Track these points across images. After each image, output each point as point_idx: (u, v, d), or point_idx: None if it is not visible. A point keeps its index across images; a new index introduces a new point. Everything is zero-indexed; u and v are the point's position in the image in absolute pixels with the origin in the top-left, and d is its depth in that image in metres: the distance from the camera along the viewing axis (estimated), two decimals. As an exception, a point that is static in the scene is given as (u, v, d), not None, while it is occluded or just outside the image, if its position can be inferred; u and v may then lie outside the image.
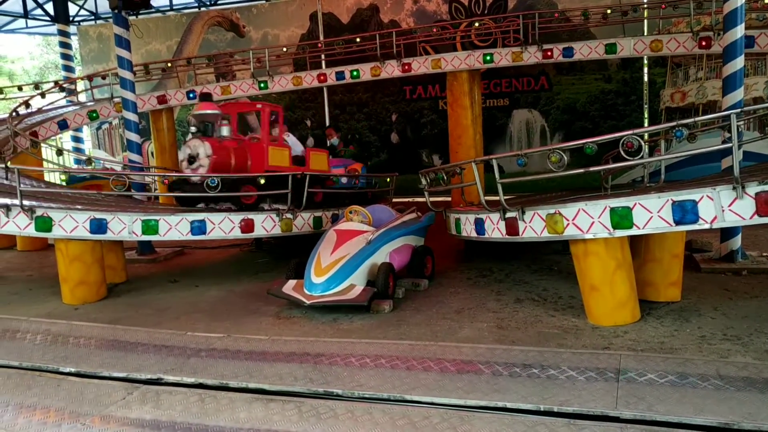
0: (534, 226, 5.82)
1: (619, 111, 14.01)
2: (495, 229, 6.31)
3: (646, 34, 12.51)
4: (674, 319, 5.70)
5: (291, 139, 10.05)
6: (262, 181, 8.18)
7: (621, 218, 5.15)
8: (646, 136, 6.17)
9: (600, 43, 10.86)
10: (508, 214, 6.04)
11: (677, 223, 4.90)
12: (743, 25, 7.16)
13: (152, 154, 14.62)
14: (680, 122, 4.81)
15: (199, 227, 7.65)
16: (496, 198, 6.10)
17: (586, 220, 5.38)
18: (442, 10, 14.92)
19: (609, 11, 11.47)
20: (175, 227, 7.54)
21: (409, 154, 15.77)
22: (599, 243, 5.47)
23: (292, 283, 6.74)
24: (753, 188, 4.56)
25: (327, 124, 16.34)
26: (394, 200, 11.31)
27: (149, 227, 7.43)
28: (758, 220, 4.61)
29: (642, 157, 5.23)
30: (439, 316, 6.23)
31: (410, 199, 14.22)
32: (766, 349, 4.88)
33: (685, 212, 4.83)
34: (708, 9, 10.71)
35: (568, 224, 5.50)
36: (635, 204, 5.07)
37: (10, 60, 39.66)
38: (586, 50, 10.92)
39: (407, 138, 15.78)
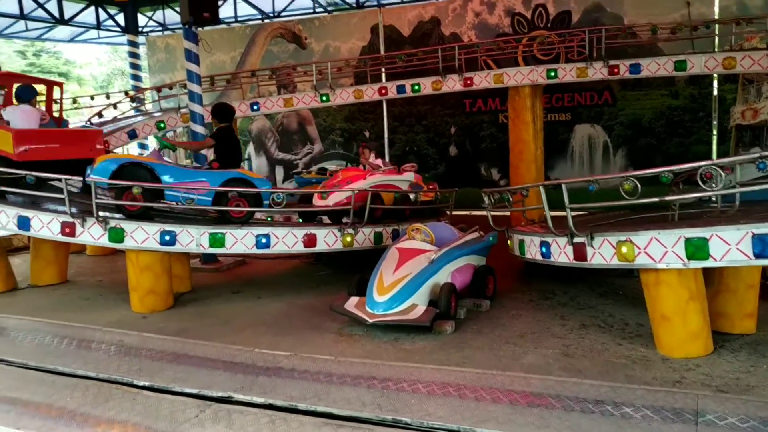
0: (603, 252, 5.71)
1: (686, 127, 13.62)
2: (562, 253, 6.22)
3: (716, 49, 12.13)
4: (749, 353, 5.50)
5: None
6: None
7: (696, 249, 5.00)
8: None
9: (669, 60, 10.59)
10: (576, 239, 5.95)
11: (757, 256, 4.73)
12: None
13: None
14: (764, 153, 4.64)
15: (263, 241, 7.80)
16: (561, 213, 5.99)
17: (658, 249, 5.24)
18: (504, 23, 14.83)
19: (679, 28, 11.18)
20: (240, 240, 7.70)
21: (467, 167, 15.69)
22: (672, 273, 5.32)
23: (354, 300, 6.79)
24: (842, 223, 4.38)
25: (386, 135, 16.44)
26: (453, 213, 11.26)
27: (216, 240, 7.61)
28: None
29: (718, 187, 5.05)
30: (501, 339, 6.17)
31: (468, 213, 14.16)
32: None
33: (765, 246, 4.66)
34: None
35: (639, 252, 5.38)
36: (712, 235, 4.92)
37: (79, 65, 41.34)
38: (654, 67, 10.67)
39: (466, 151, 15.72)
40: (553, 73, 11.36)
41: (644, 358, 5.50)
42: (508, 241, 7.81)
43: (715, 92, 13.52)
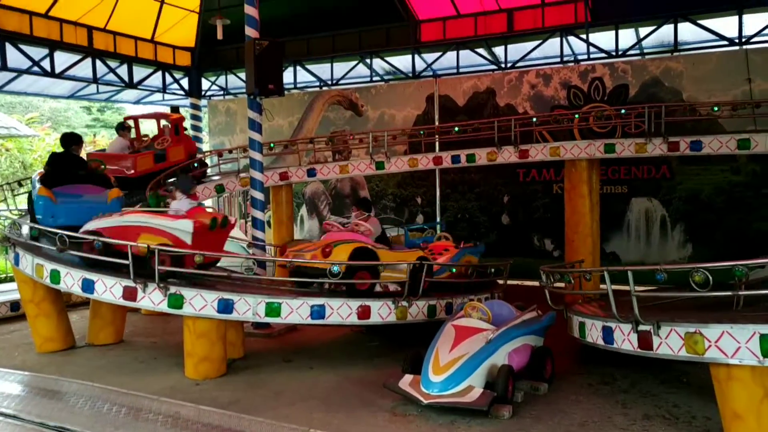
0: (670, 343, 5.54)
1: (748, 204, 13.27)
2: (625, 340, 6.05)
3: (781, 127, 11.91)
4: (831, 459, 5.18)
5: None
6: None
7: (773, 347, 4.79)
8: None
9: (732, 138, 10.43)
10: (641, 327, 5.79)
11: (840, 358, 4.50)
12: None
13: (269, 224, 15.20)
14: None
15: (318, 311, 7.82)
16: (623, 288, 5.82)
17: (731, 343, 5.05)
18: (560, 96, 14.89)
19: (743, 107, 11.04)
20: (296, 311, 7.74)
21: (520, 236, 15.56)
22: (745, 369, 5.11)
23: (408, 378, 6.69)
24: None
25: (437, 202, 16.49)
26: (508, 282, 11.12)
27: (272, 309, 7.67)
28: None
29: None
30: (561, 428, 5.98)
31: (520, 282, 13.97)
32: None
33: None
34: None
35: (710, 346, 5.20)
36: (790, 333, 4.72)
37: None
38: (716, 144, 10.52)
39: (518, 220, 15.62)
40: (611, 148, 11.30)
41: (715, 459, 5.24)
42: (568, 322, 7.63)
43: (779, 167, 13.18)
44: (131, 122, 13.44)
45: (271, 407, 6.61)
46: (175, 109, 14.34)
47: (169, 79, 19.25)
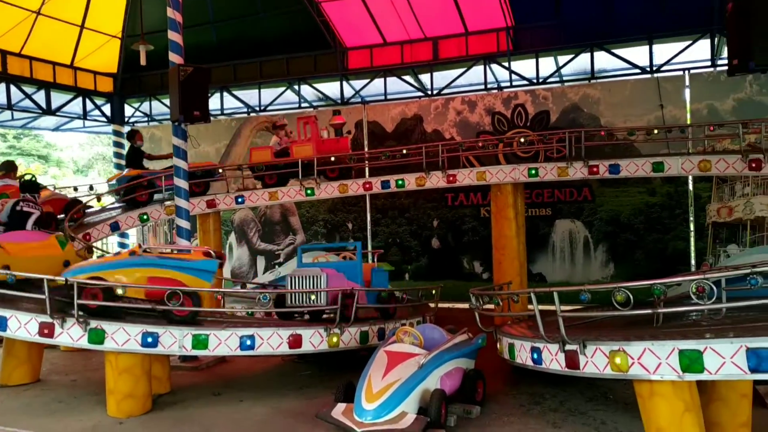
0: (596, 361, 5.67)
1: (665, 224, 13.91)
2: (553, 360, 6.17)
3: (690, 151, 12.56)
4: (748, 467, 5.40)
5: None
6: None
7: (691, 362, 4.99)
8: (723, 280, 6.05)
9: (647, 161, 10.91)
10: (568, 347, 5.91)
11: (752, 370, 4.74)
12: (800, 156, 7.16)
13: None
14: (755, 270, 4.72)
15: (248, 342, 7.65)
16: (550, 308, 5.94)
17: (652, 360, 5.22)
18: (485, 122, 15.28)
19: (656, 131, 11.59)
20: (224, 342, 7.54)
21: (449, 259, 15.76)
22: (666, 384, 5.29)
23: (341, 407, 6.59)
24: (834, 340, 4.41)
25: (368, 227, 16.52)
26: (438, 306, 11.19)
27: (199, 342, 7.45)
28: (842, 374, 4.42)
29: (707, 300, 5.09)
30: (495, 450, 6.00)
31: (451, 306, 14.12)
32: None
33: (760, 360, 4.68)
34: (755, 127, 10.78)
35: (633, 363, 5.35)
36: (706, 348, 4.93)
37: (60, 148, 41.48)
38: (632, 168, 10.97)
39: (448, 244, 15.82)
40: (534, 172, 11.62)
41: (642, 473, 5.37)
42: (497, 344, 7.72)
43: (691, 189, 13.89)
44: (285, 121, 14.47)
45: (199, 444, 6.38)
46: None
47: (90, 105, 18.66)
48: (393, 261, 16.20)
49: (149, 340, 7.20)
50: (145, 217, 12.80)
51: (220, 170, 13.66)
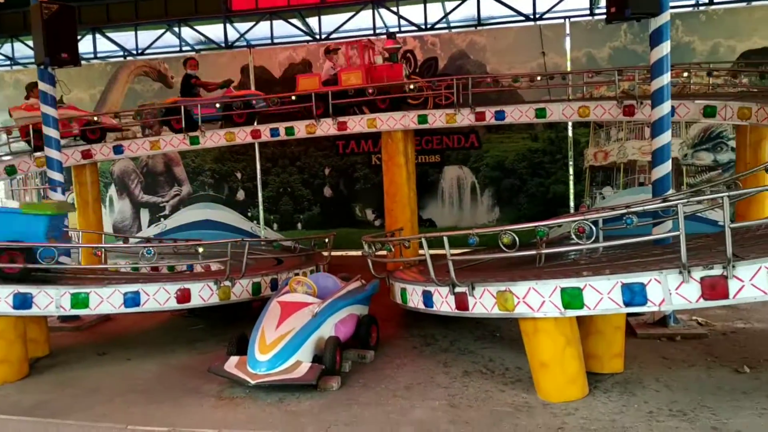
0: (484, 302, 5.85)
1: (546, 169, 14.50)
2: (444, 303, 6.31)
3: (570, 97, 13.06)
4: (621, 392, 5.83)
5: None
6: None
7: (572, 299, 5.25)
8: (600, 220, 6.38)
9: (530, 108, 11.24)
10: (458, 289, 6.06)
11: (627, 304, 5.04)
12: (669, 101, 7.58)
13: (72, 206, 13.92)
14: (630, 210, 4.98)
15: (132, 299, 7.28)
16: (442, 253, 6.07)
17: (536, 298, 5.45)
18: (374, 68, 15.13)
19: (539, 78, 11.96)
20: (106, 300, 7.15)
21: (342, 208, 15.74)
22: (549, 320, 5.55)
23: (234, 359, 6.48)
24: (698, 273, 4.77)
25: (258, 177, 16.13)
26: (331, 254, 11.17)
27: (79, 301, 7.02)
28: (703, 304, 4.81)
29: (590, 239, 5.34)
30: (389, 393, 6.13)
31: (345, 253, 14.16)
32: (712, 425, 5.04)
33: (634, 294, 4.98)
34: (629, 74, 11.34)
35: (518, 302, 5.56)
36: (585, 285, 5.19)
37: None
38: (517, 114, 11.27)
39: (340, 192, 15.76)
40: (423, 119, 11.69)
41: (527, 405, 5.66)
42: (390, 289, 7.83)
43: (570, 135, 14.50)
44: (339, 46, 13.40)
45: (84, 407, 6.08)
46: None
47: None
48: (285, 210, 16.04)
49: (22, 301, 6.71)
50: (12, 169, 11.80)
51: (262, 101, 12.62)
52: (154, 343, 8.40)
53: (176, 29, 16.75)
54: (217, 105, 12.35)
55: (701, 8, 14.15)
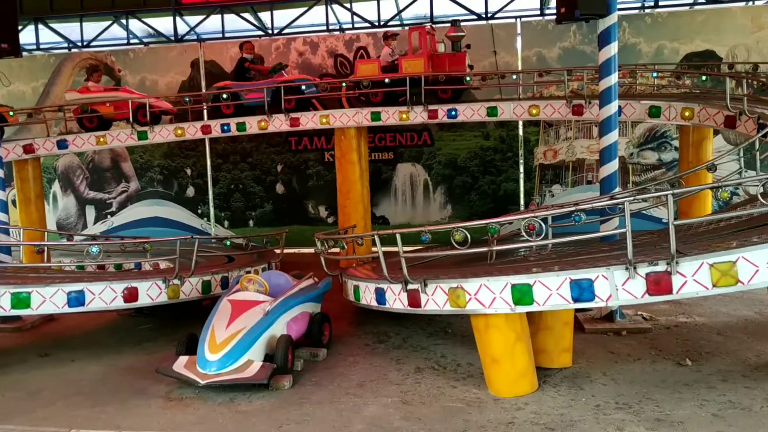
0: (436, 299, 5.88)
1: (497, 167, 14.68)
2: (396, 300, 6.32)
3: (521, 96, 13.25)
4: (569, 387, 5.94)
5: None
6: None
7: (522, 295, 5.32)
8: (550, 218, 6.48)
9: (482, 106, 11.36)
10: (410, 286, 6.07)
11: (575, 300, 5.14)
12: (617, 101, 7.76)
13: (14, 203, 13.47)
14: (578, 207, 5.07)
15: (76, 298, 7.09)
16: (395, 250, 6.08)
17: (488, 295, 5.50)
18: (327, 64, 15.05)
19: (490, 78, 12.13)
20: (49, 299, 6.95)
21: (295, 204, 15.62)
22: (500, 316, 5.61)
23: (183, 359, 6.36)
24: (644, 269, 4.89)
25: (209, 173, 15.87)
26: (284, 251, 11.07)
27: (20, 300, 6.80)
28: (649, 299, 4.94)
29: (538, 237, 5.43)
30: (341, 391, 6.11)
31: (297, 251, 14.07)
32: (656, 417, 5.18)
33: (582, 290, 5.08)
34: (578, 74, 11.57)
35: (470, 299, 5.61)
36: (535, 281, 5.27)
37: None
38: (469, 112, 11.38)
39: (293, 189, 15.63)
40: (377, 116, 11.70)
41: (478, 400, 5.72)
42: (343, 287, 7.80)
43: (521, 134, 14.71)
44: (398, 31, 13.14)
45: (25, 410, 5.89)
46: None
47: None
48: (236, 207, 15.83)
49: (-42, 301, 6.45)
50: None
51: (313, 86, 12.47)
52: (100, 343, 8.17)
53: (123, 21, 16.33)
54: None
55: (647, 11, 14.56)
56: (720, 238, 5.48)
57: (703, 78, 12.05)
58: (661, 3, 14.49)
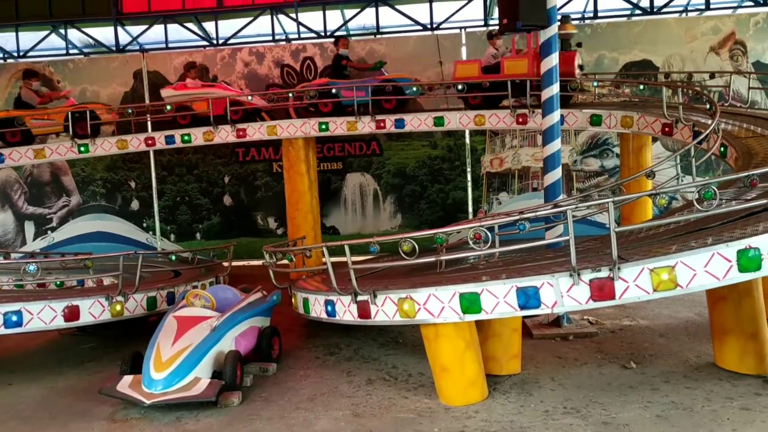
0: (386, 309, 5.87)
1: (445, 175, 14.81)
2: (346, 311, 6.29)
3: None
4: (518, 393, 6.01)
5: None
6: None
7: (470, 303, 5.36)
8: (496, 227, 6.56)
9: (429, 116, 11.44)
10: (360, 298, 6.05)
11: (522, 308, 5.20)
12: (559, 110, 7.93)
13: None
14: (523, 216, 5.14)
15: (13, 319, 6.83)
16: (342, 259, 6.05)
17: (436, 304, 5.52)
18: (274, 74, 14.93)
19: (437, 86, 12.27)
20: (-17, 321, 6.64)
21: (243, 216, 15.41)
22: (449, 325, 5.64)
23: (128, 379, 6.18)
24: (587, 275, 4.98)
25: (153, 186, 15.54)
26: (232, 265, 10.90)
27: (-49, 322, 6.48)
28: (593, 305, 5.04)
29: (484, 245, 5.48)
30: (291, 406, 6.03)
31: (246, 263, 13.91)
32: (603, 420, 5.28)
33: (528, 298, 5.14)
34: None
35: (419, 309, 5.62)
36: (483, 290, 5.31)
37: None
38: (416, 122, 11.45)
39: (241, 200, 15.43)
40: (324, 126, 11.66)
41: (429, 410, 5.73)
42: (293, 299, 7.72)
43: (468, 142, 14.89)
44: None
45: (-43, 438, 5.62)
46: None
47: None
48: (182, 220, 15.54)
49: None
50: None
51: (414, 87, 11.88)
52: (40, 365, 7.88)
53: (62, 31, 15.88)
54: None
55: (587, 21, 14.95)
56: (660, 243, 5.63)
57: (641, 87, 12.38)
58: (600, 14, 14.88)
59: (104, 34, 16.04)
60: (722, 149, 7.76)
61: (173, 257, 10.60)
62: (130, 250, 10.66)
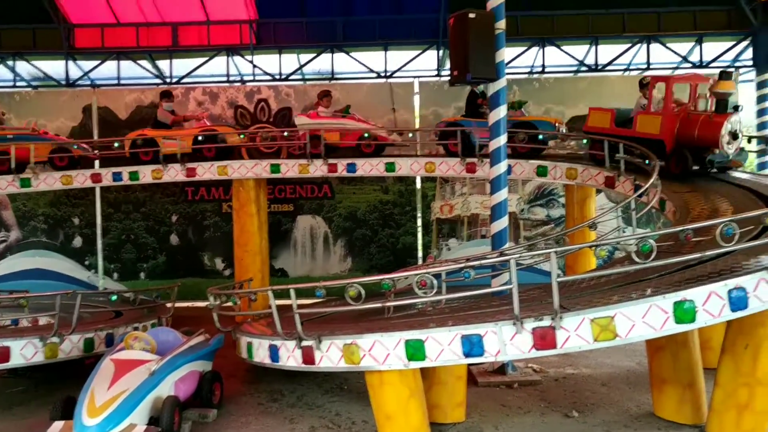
0: (331, 355, 5.82)
1: (396, 220, 14.92)
2: (290, 357, 6.20)
3: (418, 153, 13.60)
4: (462, 442, 5.98)
5: None
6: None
7: (415, 350, 5.35)
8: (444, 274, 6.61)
9: (381, 161, 11.57)
10: (304, 343, 5.98)
11: (466, 355, 5.23)
12: (506, 161, 8.13)
13: None
14: (468, 264, 5.21)
15: (-63, 360, 6.48)
16: (287, 302, 5.98)
17: (382, 351, 5.50)
18: (227, 115, 14.92)
19: (392, 134, 12.47)
20: None
21: (190, 256, 15.13)
22: (394, 373, 5.61)
23: (58, 425, 5.90)
24: (530, 324, 5.05)
25: (98, 223, 15.16)
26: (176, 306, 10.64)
27: None
28: (536, 354, 5.10)
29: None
30: (230, 454, 5.86)
31: (191, 304, 13.62)
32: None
33: (472, 345, 5.18)
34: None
35: (364, 355, 5.59)
36: (428, 337, 5.32)
37: None
38: (368, 167, 11.56)
39: (189, 240, 15.17)
40: (276, 168, 11.66)
41: (372, 459, 5.64)
42: (236, 343, 7.57)
43: (419, 187, 15.08)
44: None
45: None
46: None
47: None
48: (127, 259, 15.16)
49: None
50: None
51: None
52: (-36, 409, 7.48)
53: (10, 62, 15.58)
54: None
55: (535, 75, 15.47)
56: (601, 294, 5.75)
57: (584, 141, 12.79)
58: (547, 69, 15.44)
59: (54, 67, 15.82)
60: (661, 203, 8.05)
61: (114, 297, 10.28)
62: (70, 288, 10.33)
